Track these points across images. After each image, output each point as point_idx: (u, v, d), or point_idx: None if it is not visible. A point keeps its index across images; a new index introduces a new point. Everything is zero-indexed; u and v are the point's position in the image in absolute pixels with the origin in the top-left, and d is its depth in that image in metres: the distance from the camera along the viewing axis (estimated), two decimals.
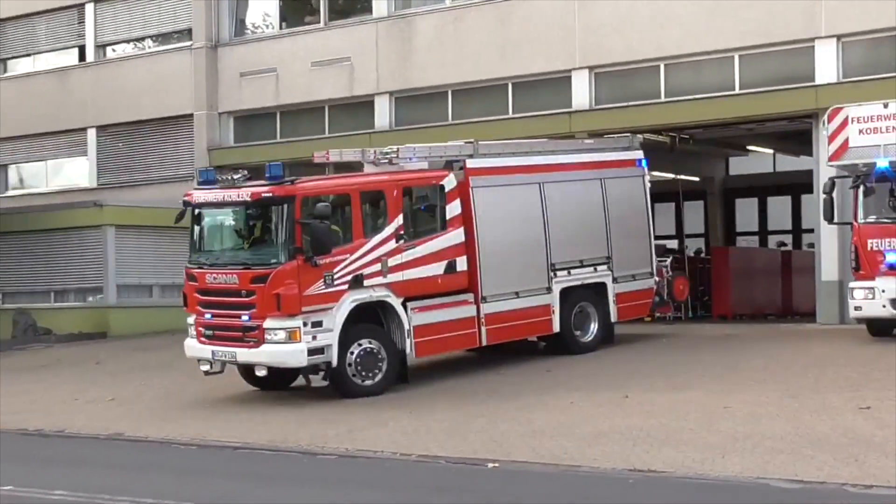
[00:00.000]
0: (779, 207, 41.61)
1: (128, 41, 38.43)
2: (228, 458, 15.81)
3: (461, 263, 20.34)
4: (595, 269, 22.44)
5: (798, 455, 13.22)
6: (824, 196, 22.60)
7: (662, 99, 28.87)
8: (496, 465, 13.96)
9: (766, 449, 13.68)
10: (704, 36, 28.02)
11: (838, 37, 26.53)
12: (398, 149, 21.11)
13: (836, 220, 22.95)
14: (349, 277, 18.84)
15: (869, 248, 21.47)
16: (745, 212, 42.45)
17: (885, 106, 20.85)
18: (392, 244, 19.46)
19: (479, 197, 20.76)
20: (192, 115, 35.65)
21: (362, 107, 33.01)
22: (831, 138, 21.74)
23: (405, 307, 19.49)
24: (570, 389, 19.01)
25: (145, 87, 36.49)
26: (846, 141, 21.42)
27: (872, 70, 26.38)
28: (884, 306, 21.09)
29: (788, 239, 40.72)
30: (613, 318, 22.91)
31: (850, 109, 21.53)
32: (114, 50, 38.75)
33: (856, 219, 21.96)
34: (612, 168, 23.37)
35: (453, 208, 20.39)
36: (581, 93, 29.70)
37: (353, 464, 14.85)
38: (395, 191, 19.90)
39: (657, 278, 23.83)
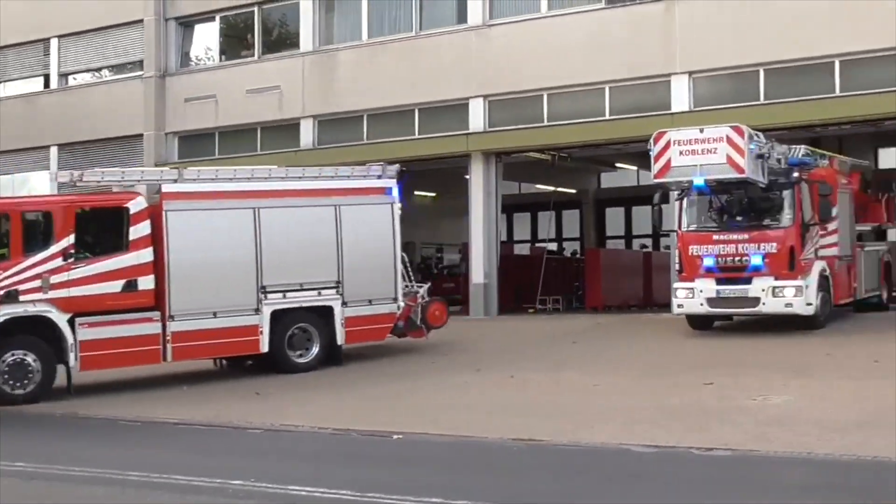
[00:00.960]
0: (642, 215, 41.76)
1: (87, 70, 37.86)
2: (169, 434, 15.47)
3: (145, 282, 18.49)
4: (319, 293, 20.22)
5: (654, 424, 13.34)
6: (653, 207, 22.71)
7: (545, 123, 28.89)
8: (400, 436, 13.83)
9: (629, 420, 13.78)
10: (581, 71, 28.15)
11: (690, 73, 26.92)
12: (83, 173, 19.79)
13: (663, 227, 23.23)
14: (1, 293, 17.42)
15: (690, 253, 21.41)
16: (614, 219, 42.80)
17: (701, 131, 20.38)
18: (58, 262, 17.82)
19: (174, 219, 18.77)
20: (142, 135, 35.07)
21: (289, 128, 32.73)
22: (656, 158, 20.96)
23: (73, 322, 17.90)
24: (463, 372, 18.96)
25: (102, 111, 35.82)
26: (669, 161, 20.76)
27: (717, 101, 26.76)
28: (701, 304, 21.11)
29: (649, 242, 40.97)
30: (340, 340, 20.54)
31: (672, 133, 20.90)
32: (75, 78, 38.12)
33: (680, 227, 21.91)
34: (353, 195, 21.02)
35: (140, 229, 18.49)
36: (477, 117, 29.68)
37: (277, 437, 14.68)
38: (66, 212, 18.19)
39: (409, 303, 21.50)
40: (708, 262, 20.98)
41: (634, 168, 38.33)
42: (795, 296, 20.36)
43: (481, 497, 9.88)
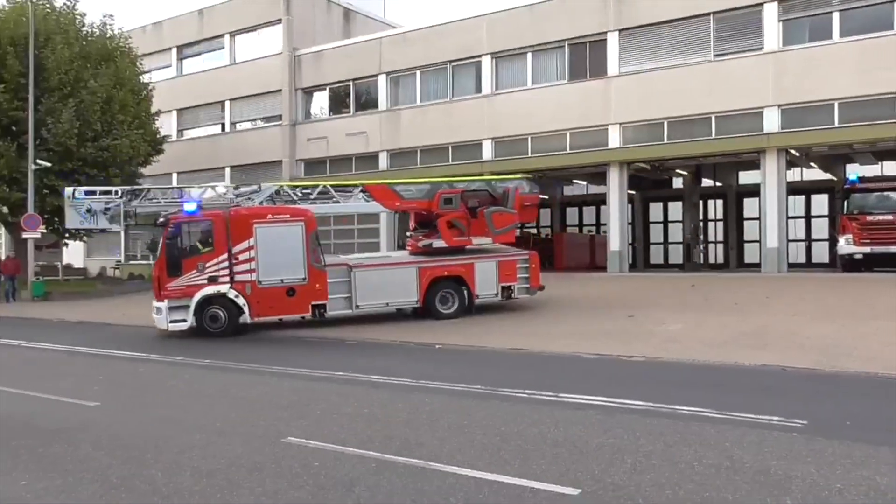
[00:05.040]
0: (590, 213, 41.72)
1: (249, 120, 37.57)
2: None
3: None
4: None
5: (597, 341, 12.79)
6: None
7: (529, 154, 28.24)
8: (441, 345, 13.60)
9: (580, 338, 13.09)
10: (551, 122, 27.46)
11: (620, 124, 26.22)
12: None
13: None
14: None
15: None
16: (572, 215, 42.60)
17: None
18: None
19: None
20: (281, 161, 35.03)
21: (371, 158, 32.49)
22: None
23: None
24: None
25: (256, 145, 35.88)
26: None
27: (637, 141, 26.07)
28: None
29: (594, 229, 40.80)
30: None
31: None
32: (240, 125, 37.95)
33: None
34: None
35: None
36: (487, 152, 29.13)
37: (370, 346, 14.05)
38: None
39: None
40: None
41: (584, 183, 37.99)
42: (156, 314, 15.85)
43: (487, 383, 9.69)
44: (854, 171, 28.91)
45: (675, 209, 35.99)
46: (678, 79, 25.35)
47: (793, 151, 25.04)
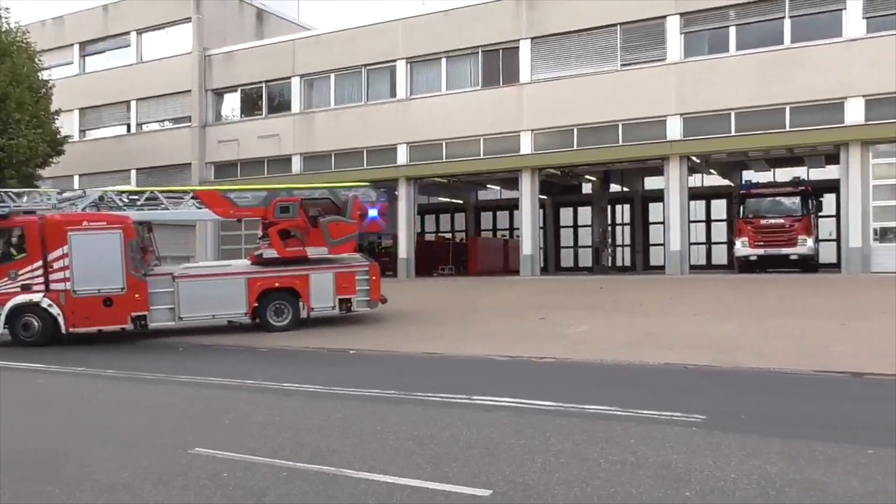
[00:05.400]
0: (503, 217, 42.31)
1: (156, 121, 36.25)
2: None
3: None
4: None
5: (509, 343, 12.97)
6: None
7: (444, 159, 28.52)
8: (354, 351, 13.59)
9: (493, 341, 13.36)
10: (465, 128, 27.70)
11: (532, 130, 26.59)
12: None
13: None
14: None
15: None
16: (486, 219, 43.07)
17: None
18: None
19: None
20: (190, 164, 34.06)
21: (284, 161, 31.96)
22: None
23: None
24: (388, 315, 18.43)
25: (165, 147, 34.76)
26: None
27: (549, 147, 26.44)
28: None
29: (508, 233, 41.39)
30: None
31: None
32: (147, 126, 36.61)
33: None
34: None
35: None
36: (402, 156, 29.08)
37: (282, 353, 14.15)
38: None
39: None
40: None
41: (498, 188, 38.50)
42: None
43: (399, 388, 9.70)
44: (749, 177, 30.05)
45: (585, 214, 36.92)
46: (587, 87, 25.89)
47: (694, 158, 25.97)
